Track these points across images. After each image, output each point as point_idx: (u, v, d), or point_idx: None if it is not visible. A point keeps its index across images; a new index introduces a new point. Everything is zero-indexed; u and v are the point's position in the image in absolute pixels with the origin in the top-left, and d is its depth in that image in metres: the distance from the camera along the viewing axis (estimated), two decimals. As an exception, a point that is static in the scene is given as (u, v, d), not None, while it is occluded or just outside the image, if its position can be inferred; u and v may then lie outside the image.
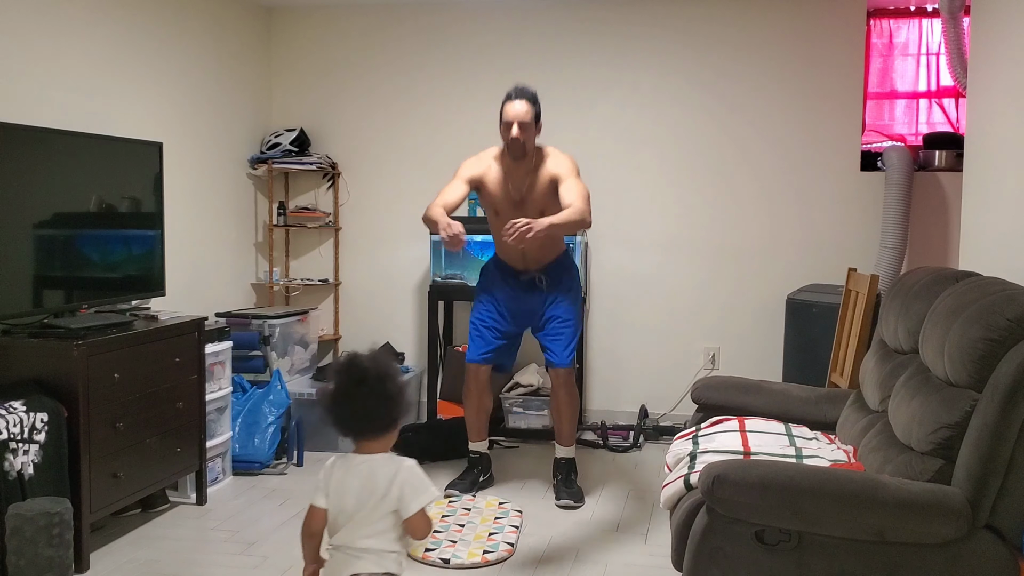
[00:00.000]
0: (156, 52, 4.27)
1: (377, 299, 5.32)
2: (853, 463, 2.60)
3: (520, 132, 3.62)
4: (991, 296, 2.28)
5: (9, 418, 2.79)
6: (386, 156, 5.26)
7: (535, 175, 3.72)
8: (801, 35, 4.79)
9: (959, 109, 4.88)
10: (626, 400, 5.06)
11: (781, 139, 4.85)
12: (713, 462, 2.30)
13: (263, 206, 5.25)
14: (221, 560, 3.21)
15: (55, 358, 3.04)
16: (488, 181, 3.77)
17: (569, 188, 3.60)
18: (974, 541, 2.12)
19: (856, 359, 3.75)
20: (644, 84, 4.96)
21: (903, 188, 4.50)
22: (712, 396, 3.27)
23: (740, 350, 4.95)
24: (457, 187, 3.70)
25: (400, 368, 1.98)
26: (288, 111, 5.35)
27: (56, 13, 3.64)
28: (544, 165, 3.72)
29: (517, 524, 3.52)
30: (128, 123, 4.06)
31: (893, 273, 4.43)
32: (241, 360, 4.42)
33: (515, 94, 3.65)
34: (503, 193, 3.76)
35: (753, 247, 4.91)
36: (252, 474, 4.17)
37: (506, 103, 3.66)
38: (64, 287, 3.39)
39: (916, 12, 4.94)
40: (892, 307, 2.92)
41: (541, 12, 5.03)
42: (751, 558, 2.19)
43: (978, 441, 2.12)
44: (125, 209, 3.69)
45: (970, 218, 3.63)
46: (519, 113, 3.62)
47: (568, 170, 3.68)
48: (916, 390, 2.42)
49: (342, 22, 5.25)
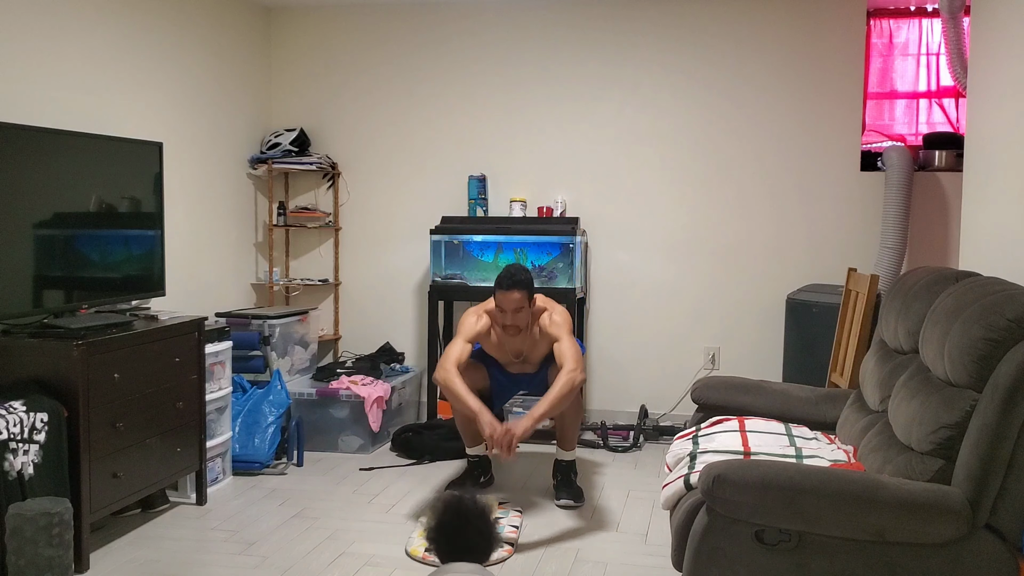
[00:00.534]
0: (156, 52, 4.28)
1: (377, 299, 5.32)
2: (853, 463, 2.60)
3: (514, 318, 3.71)
4: (991, 296, 2.28)
5: (9, 418, 2.79)
6: (386, 156, 5.27)
7: (531, 338, 3.84)
8: (801, 35, 4.79)
9: (959, 109, 4.88)
10: (626, 400, 5.06)
11: (781, 139, 4.85)
12: (713, 462, 2.30)
13: (263, 206, 5.25)
14: (221, 560, 3.21)
15: (55, 358, 3.04)
16: (487, 340, 3.89)
17: (562, 350, 3.68)
18: (974, 541, 2.12)
19: (856, 359, 3.75)
20: (644, 84, 4.96)
21: (903, 188, 4.50)
22: (712, 396, 3.27)
23: (740, 350, 4.95)
24: (464, 348, 3.75)
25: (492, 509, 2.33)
26: (288, 111, 5.35)
27: (56, 13, 3.65)
28: (540, 327, 3.81)
29: (517, 524, 3.52)
30: (128, 123, 4.06)
31: (893, 273, 4.43)
32: (241, 360, 4.42)
33: (507, 284, 3.67)
34: (502, 353, 3.93)
35: (753, 247, 4.91)
36: (252, 474, 4.17)
37: (499, 292, 3.69)
38: (64, 287, 3.39)
39: (916, 12, 4.94)
40: (892, 307, 2.92)
41: (541, 12, 5.03)
42: (751, 558, 2.19)
43: (978, 441, 2.12)
44: (125, 209, 3.70)
45: (970, 218, 3.63)
46: (513, 303, 3.68)
47: (561, 329, 3.75)
48: (916, 390, 2.42)
49: (342, 22, 5.25)
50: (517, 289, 3.66)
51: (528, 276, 3.71)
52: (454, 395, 3.58)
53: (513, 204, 5.00)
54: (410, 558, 3.22)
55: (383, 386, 4.66)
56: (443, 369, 3.63)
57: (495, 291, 3.71)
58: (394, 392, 4.77)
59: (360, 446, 4.52)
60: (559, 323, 3.77)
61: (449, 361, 3.64)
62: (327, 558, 3.22)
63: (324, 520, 3.61)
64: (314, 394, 4.56)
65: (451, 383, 3.58)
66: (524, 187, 5.10)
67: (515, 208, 4.99)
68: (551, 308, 3.84)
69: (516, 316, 3.70)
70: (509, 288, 3.66)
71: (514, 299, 3.66)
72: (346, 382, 4.62)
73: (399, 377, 4.93)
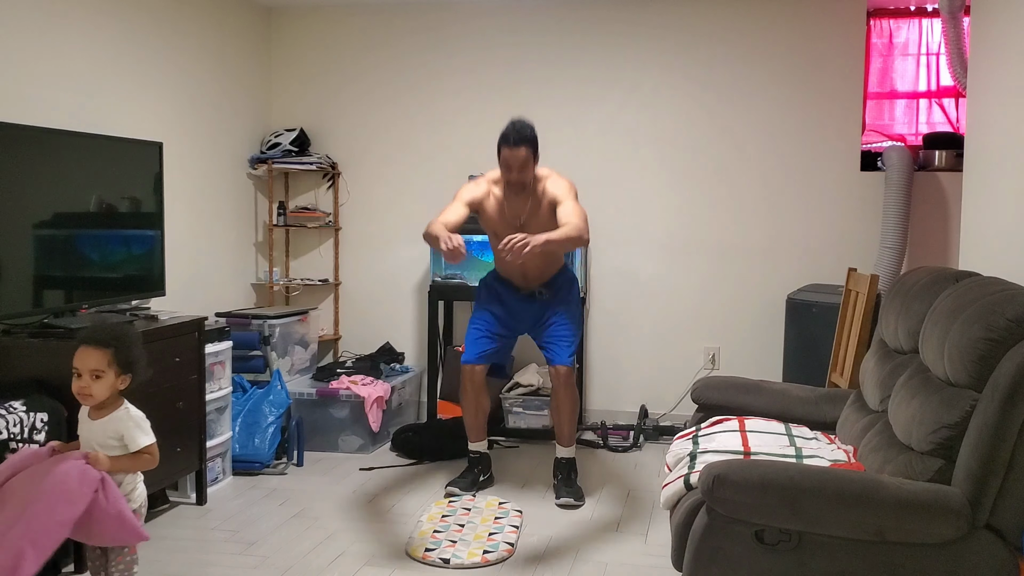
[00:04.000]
0: (156, 52, 4.28)
1: (377, 299, 5.32)
2: (853, 463, 2.60)
3: (519, 175, 3.69)
4: (991, 296, 2.28)
5: (9, 418, 2.79)
6: (386, 156, 5.26)
7: (534, 200, 3.79)
8: (801, 35, 4.79)
9: (959, 109, 4.88)
10: (626, 400, 5.06)
11: (781, 139, 4.85)
12: (713, 462, 2.30)
13: (263, 206, 5.25)
14: (221, 560, 3.21)
15: (55, 358, 3.03)
16: (487, 206, 3.83)
17: (567, 209, 3.67)
18: (974, 541, 2.12)
19: (856, 359, 3.75)
20: (644, 84, 4.96)
21: (903, 188, 4.50)
22: (712, 396, 3.28)
23: (740, 350, 4.95)
24: (457, 208, 3.75)
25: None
26: (288, 111, 5.35)
27: (56, 13, 3.64)
28: (543, 190, 3.78)
29: (517, 524, 3.52)
30: (128, 123, 4.06)
31: (893, 273, 4.43)
32: (241, 360, 4.42)
33: (513, 140, 3.66)
34: (502, 218, 3.83)
35: (753, 247, 4.91)
36: (252, 474, 4.17)
37: (503, 147, 3.68)
38: (64, 287, 3.39)
39: (916, 12, 4.94)
40: (892, 307, 2.93)
41: (541, 12, 5.03)
42: (751, 558, 2.19)
43: (978, 441, 2.12)
44: (125, 209, 3.69)
45: (970, 218, 3.63)
46: (518, 158, 3.67)
47: (566, 192, 3.74)
48: (916, 390, 2.42)
49: (342, 22, 5.25)
50: (524, 145, 3.65)
51: (534, 132, 3.71)
52: (429, 234, 3.58)
53: (513, 204, 5.00)
54: (410, 558, 3.22)
55: (383, 386, 4.66)
56: (430, 223, 3.63)
57: (500, 146, 3.69)
58: (394, 392, 4.77)
59: (360, 446, 4.52)
60: (563, 186, 3.75)
61: (438, 217, 3.66)
62: (327, 558, 3.22)
63: (324, 520, 3.61)
64: (314, 394, 4.56)
65: (430, 226, 3.58)
66: (524, 187, 5.09)
67: (515, 208, 4.99)
68: (555, 175, 3.81)
69: (521, 172, 3.69)
70: (516, 144, 3.64)
71: (520, 155, 3.65)
72: (346, 382, 4.62)
73: (399, 377, 4.93)
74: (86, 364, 2.47)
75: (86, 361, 2.47)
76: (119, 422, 2.52)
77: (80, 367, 2.47)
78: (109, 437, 2.49)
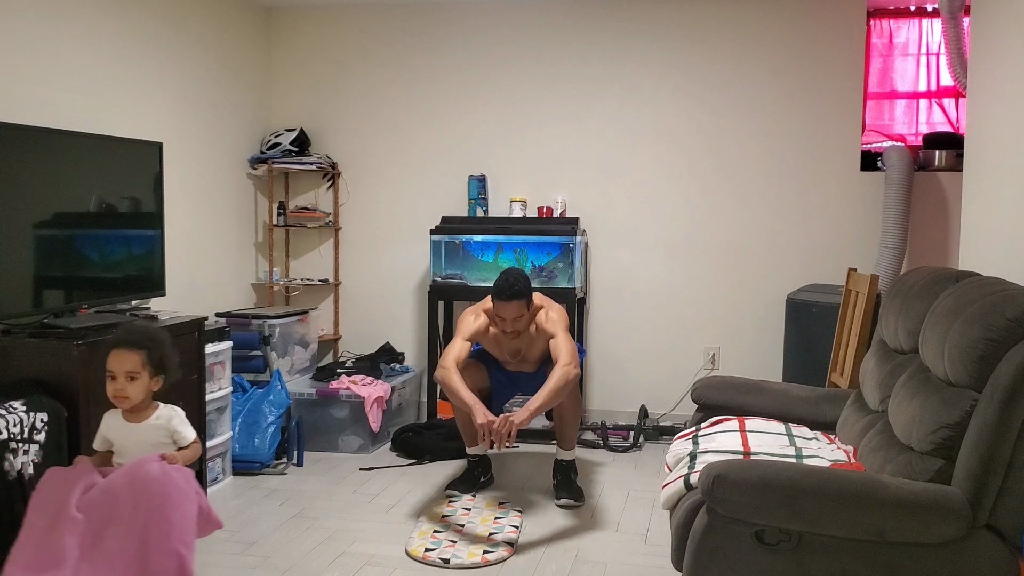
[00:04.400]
0: (156, 52, 4.28)
1: (377, 299, 5.32)
2: (853, 463, 2.60)
3: (513, 326, 3.74)
4: (991, 296, 2.28)
5: (9, 418, 2.79)
6: (386, 156, 5.27)
7: (528, 336, 3.85)
8: (801, 35, 4.79)
9: (959, 109, 4.88)
10: (626, 400, 5.06)
11: (781, 139, 4.85)
12: (713, 462, 2.30)
13: (263, 206, 5.25)
14: (221, 560, 3.21)
15: (55, 358, 3.03)
16: (487, 337, 3.90)
17: (557, 345, 3.72)
18: (974, 541, 2.12)
19: (856, 359, 3.75)
20: (644, 84, 4.96)
21: (903, 188, 4.50)
22: (712, 396, 3.28)
23: (740, 350, 4.95)
24: (463, 345, 3.78)
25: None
26: (288, 111, 5.35)
27: (57, 13, 3.64)
28: (538, 324, 3.83)
29: (517, 524, 3.52)
30: (128, 123, 4.06)
31: (893, 273, 4.43)
32: (241, 360, 4.42)
33: (507, 295, 3.67)
34: (501, 349, 3.94)
35: (753, 247, 4.91)
36: (252, 474, 4.17)
37: (497, 302, 3.70)
38: (64, 287, 3.39)
39: (916, 12, 4.94)
40: (892, 307, 2.92)
41: (541, 12, 5.03)
42: (751, 558, 2.19)
43: (978, 441, 2.12)
44: (125, 209, 3.69)
45: (970, 218, 3.63)
46: (512, 313, 3.70)
47: (557, 326, 3.78)
48: (916, 390, 2.42)
49: (342, 22, 5.25)
50: (516, 300, 3.67)
51: (527, 284, 3.72)
52: (452, 390, 3.60)
53: (513, 204, 5.00)
54: (410, 558, 3.22)
55: (383, 386, 4.66)
56: (443, 368, 3.66)
57: (493, 299, 3.72)
58: (394, 392, 4.77)
59: (360, 446, 4.52)
60: (555, 320, 3.80)
61: (448, 359, 3.68)
62: (327, 558, 3.22)
63: (324, 520, 3.61)
64: (314, 394, 4.56)
65: (449, 379, 3.61)
66: (524, 187, 5.10)
67: (515, 208, 4.99)
68: (548, 306, 3.86)
69: (515, 323, 3.73)
70: (509, 299, 3.67)
71: (513, 309, 3.69)
72: (346, 382, 4.62)
73: (399, 377, 4.93)
74: (121, 366, 2.46)
75: (121, 363, 2.46)
76: (168, 420, 2.53)
77: (115, 370, 2.46)
78: (160, 437, 2.49)
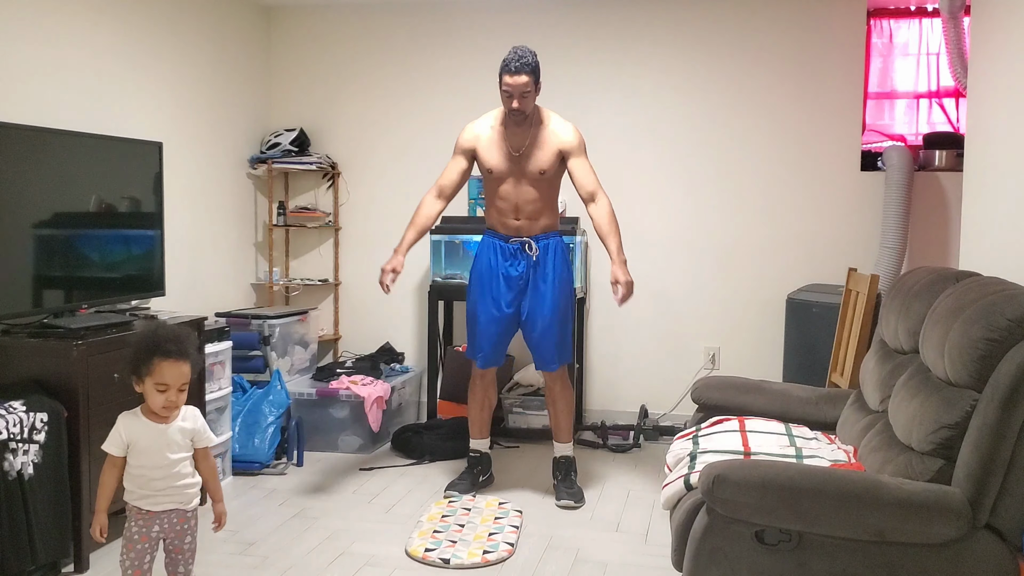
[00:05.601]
0: (156, 52, 4.28)
1: (377, 299, 5.31)
2: (853, 463, 2.60)
3: (520, 103, 3.65)
4: (991, 296, 2.28)
5: (9, 418, 2.79)
6: (386, 156, 5.26)
7: (534, 133, 3.76)
8: (801, 35, 4.79)
9: (959, 109, 4.88)
10: (626, 400, 5.06)
11: (781, 139, 4.85)
12: (713, 462, 2.30)
13: (263, 206, 5.25)
14: (221, 560, 3.21)
15: (55, 358, 3.03)
16: (484, 143, 3.80)
17: (584, 172, 3.74)
18: (974, 541, 2.12)
19: (856, 359, 3.75)
20: (644, 84, 4.96)
21: (903, 188, 4.50)
22: (712, 396, 3.28)
23: (740, 350, 4.95)
24: (455, 165, 3.82)
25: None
26: (288, 111, 5.35)
27: (56, 13, 3.64)
28: (545, 127, 3.76)
29: (517, 524, 3.52)
30: (128, 123, 4.06)
31: (893, 273, 4.43)
32: (241, 360, 4.42)
33: (516, 67, 3.60)
34: (500, 150, 3.79)
35: (753, 247, 4.91)
36: (252, 474, 4.17)
37: (505, 74, 3.63)
38: (64, 287, 3.39)
39: (916, 12, 4.94)
40: (892, 307, 2.93)
41: (541, 12, 5.03)
42: (751, 558, 2.19)
43: (978, 441, 2.12)
44: (125, 209, 3.69)
45: (970, 218, 3.63)
46: (519, 86, 3.62)
47: (578, 147, 3.75)
48: (916, 390, 2.42)
49: (342, 22, 5.25)
50: (525, 73, 3.60)
51: (536, 59, 3.65)
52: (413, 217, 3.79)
53: (513, 204, 4.99)
54: (410, 558, 3.22)
55: (383, 386, 4.66)
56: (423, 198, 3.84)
57: (501, 74, 3.64)
58: (394, 392, 4.77)
59: (360, 446, 4.52)
60: (572, 137, 3.75)
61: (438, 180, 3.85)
62: (327, 558, 3.22)
63: (324, 520, 3.61)
64: (314, 394, 4.56)
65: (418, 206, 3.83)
66: (524, 187, 5.09)
67: (515, 208, 4.99)
68: (560, 118, 3.80)
69: (523, 100, 3.64)
70: (517, 71, 3.59)
71: (522, 82, 3.60)
72: (346, 382, 4.62)
73: (399, 377, 4.93)
74: (178, 379, 2.34)
75: (177, 376, 2.34)
76: (194, 421, 2.49)
77: (171, 382, 2.33)
78: (186, 437, 2.47)
